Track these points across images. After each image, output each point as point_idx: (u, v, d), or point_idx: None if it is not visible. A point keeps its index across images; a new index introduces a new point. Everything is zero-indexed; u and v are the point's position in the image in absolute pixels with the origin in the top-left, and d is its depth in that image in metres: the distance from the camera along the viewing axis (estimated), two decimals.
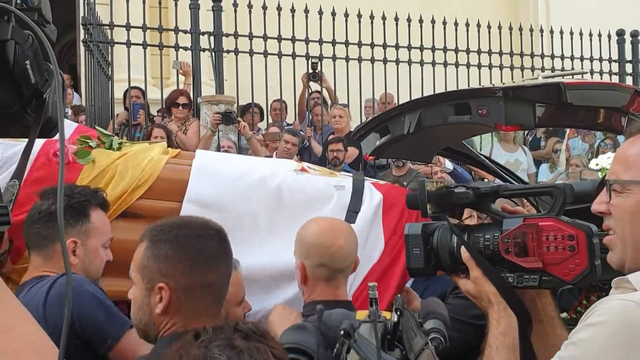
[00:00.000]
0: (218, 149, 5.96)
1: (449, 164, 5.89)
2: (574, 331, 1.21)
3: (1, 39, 0.94)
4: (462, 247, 1.45)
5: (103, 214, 2.12)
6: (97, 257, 2.07)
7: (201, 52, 6.64)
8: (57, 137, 1.05)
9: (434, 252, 1.48)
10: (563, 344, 1.21)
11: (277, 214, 2.39)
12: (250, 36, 6.52)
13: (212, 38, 6.61)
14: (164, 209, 2.33)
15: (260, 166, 2.61)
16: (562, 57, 7.73)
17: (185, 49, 6.55)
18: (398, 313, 1.10)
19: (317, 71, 6.81)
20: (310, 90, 7.10)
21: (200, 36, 6.57)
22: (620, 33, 8.06)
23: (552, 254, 1.35)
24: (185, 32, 6.52)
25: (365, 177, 2.75)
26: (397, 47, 7.00)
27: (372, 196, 2.53)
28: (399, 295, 1.26)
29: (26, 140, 1.08)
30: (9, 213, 0.98)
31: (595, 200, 1.33)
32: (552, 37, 7.71)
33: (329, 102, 7.22)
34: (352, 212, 2.28)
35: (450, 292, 2.27)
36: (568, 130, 6.90)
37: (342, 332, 1.02)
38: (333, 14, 6.69)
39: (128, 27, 6.22)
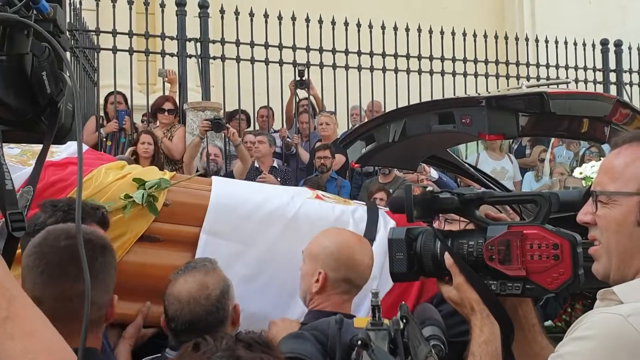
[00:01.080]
0: (207, 155, 5.93)
1: (434, 173, 5.91)
2: (560, 344, 1.20)
3: (21, 52, 0.98)
4: (446, 252, 1.44)
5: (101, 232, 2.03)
6: None
7: (188, 59, 6.62)
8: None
9: (417, 257, 1.47)
10: (549, 357, 1.20)
11: (295, 242, 2.34)
12: (237, 43, 6.51)
13: (198, 44, 6.59)
14: (181, 233, 2.32)
15: (277, 194, 2.59)
16: (547, 66, 7.81)
17: (172, 55, 6.53)
18: (404, 321, 1.08)
19: (304, 79, 6.82)
20: (297, 98, 7.10)
21: (187, 42, 6.55)
22: (604, 42, 8.16)
23: (536, 262, 1.35)
24: (171, 38, 6.50)
25: (379, 206, 2.74)
26: (384, 55, 7.03)
27: (386, 224, 2.52)
28: (403, 302, 1.24)
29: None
30: (24, 219, 1.02)
31: (580, 210, 1.33)
32: (537, 46, 7.78)
33: (317, 110, 7.23)
34: (368, 239, 2.27)
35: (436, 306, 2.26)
36: (553, 138, 6.96)
37: (359, 343, 0.99)
38: (320, 21, 6.70)
39: (114, 33, 6.19)
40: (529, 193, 1.42)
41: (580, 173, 4.24)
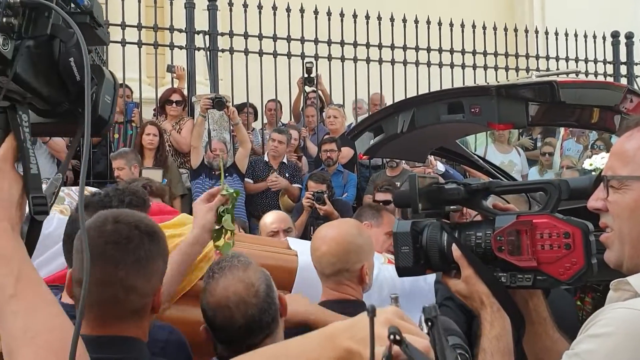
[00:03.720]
0: (210, 149, 5.92)
1: (440, 166, 5.89)
2: (575, 341, 1.15)
3: (40, 34, 0.98)
4: (454, 245, 1.40)
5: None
6: None
7: (196, 51, 6.62)
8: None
9: (423, 250, 1.43)
10: (564, 354, 1.15)
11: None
12: (246, 35, 6.51)
13: (207, 37, 6.59)
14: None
15: None
16: (557, 59, 7.74)
17: (180, 47, 6.53)
18: (429, 324, 1.04)
19: (312, 75, 6.81)
20: (305, 92, 7.09)
21: (196, 35, 6.55)
22: (615, 35, 8.08)
23: (547, 252, 1.30)
24: (180, 31, 6.50)
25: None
26: (392, 47, 7.00)
27: None
28: (427, 305, 1.20)
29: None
30: (47, 203, 1.05)
31: (591, 196, 1.29)
32: (547, 38, 7.72)
33: (325, 103, 7.21)
34: None
35: (440, 305, 2.25)
36: (562, 131, 6.91)
37: (391, 337, 0.95)
38: (329, 13, 6.68)
39: (123, 25, 6.20)
40: (538, 181, 1.37)
41: (591, 164, 4.21)
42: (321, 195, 5.18)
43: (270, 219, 3.62)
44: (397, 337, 0.86)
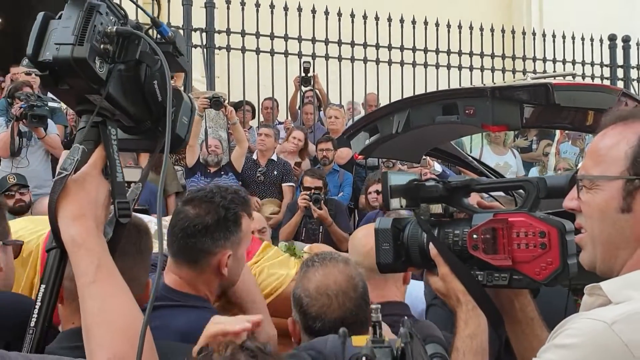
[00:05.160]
0: (206, 145, 5.90)
1: (437, 167, 5.90)
2: (542, 349, 1.14)
3: (130, 59, 1.14)
4: (430, 243, 1.40)
5: (249, 221, 2.00)
6: (240, 265, 1.97)
7: (193, 49, 6.61)
8: None
9: (405, 247, 1.43)
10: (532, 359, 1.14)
11: None
12: (243, 33, 6.50)
13: (204, 34, 6.58)
14: None
15: None
16: (554, 61, 7.76)
17: None
18: (408, 338, 1.02)
19: (309, 75, 6.79)
20: (302, 91, 7.08)
21: (193, 32, 6.54)
22: (612, 38, 8.10)
23: (523, 251, 1.28)
24: (177, 28, 6.48)
25: None
26: (389, 47, 7.00)
27: None
28: (406, 318, 1.17)
29: None
30: (130, 207, 1.22)
31: (567, 196, 1.25)
32: (544, 40, 7.73)
33: (322, 103, 7.20)
34: None
35: (429, 305, 2.22)
36: (558, 133, 6.93)
37: (364, 358, 0.93)
38: (326, 12, 6.67)
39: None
40: (517, 179, 1.34)
41: None
42: (318, 197, 5.12)
43: None
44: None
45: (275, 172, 5.92)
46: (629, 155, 1.16)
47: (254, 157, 6.06)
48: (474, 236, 1.33)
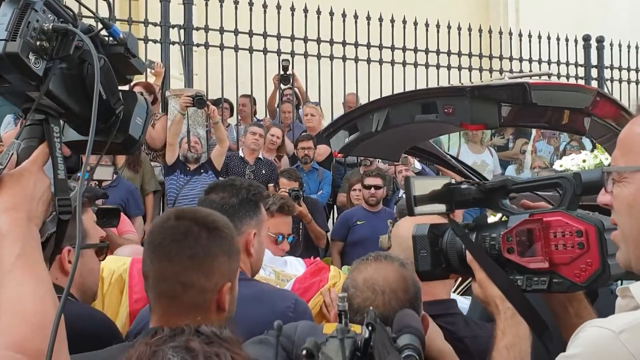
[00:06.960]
0: (187, 141, 5.86)
1: (417, 165, 5.94)
2: (559, 356, 1.06)
3: (65, 54, 1.13)
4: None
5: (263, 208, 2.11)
6: (262, 248, 2.06)
7: (171, 46, 6.55)
8: None
9: (444, 253, 1.37)
10: None
11: None
12: (221, 30, 6.46)
13: (182, 31, 6.52)
14: None
15: None
16: (530, 60, 7.86)
17: (155, 41, 6.45)
18: (370, 328, 0.96)
19: (288, 73, 6.78)
20: (281, 89, 7.07)
21: (170, 29, 6.48)
22: (587, 38, 8.23)
23: (561, 252, 1.19)
24: (155, 24, 6.42)
25: None
26: (368, 46, 7.02)
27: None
28: (371, 308, 1.13)
29: None
30: (71, 204, 1.20)
31: (600, 190, 1.14)
32: (521, 40, 7.83)
33: (301, 101, 7.19)
34: None
35: None
36: (534, 132, 7.02)
37: (304, 352, 0.89)
38: (305, 10, 6.67)
39: (96, 19, 6.08)
40: (553, 176, 1.24)
41: (561, 166, 4.28)
42: (298, 194, 5.14)
43: None
44: (309, 353, 0.86)
45: (264, 171, 5.95)
46: None
47: (241, 154, 6.05)
48: (508, 238, 1.26)
